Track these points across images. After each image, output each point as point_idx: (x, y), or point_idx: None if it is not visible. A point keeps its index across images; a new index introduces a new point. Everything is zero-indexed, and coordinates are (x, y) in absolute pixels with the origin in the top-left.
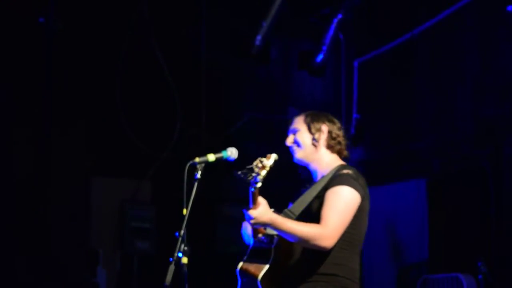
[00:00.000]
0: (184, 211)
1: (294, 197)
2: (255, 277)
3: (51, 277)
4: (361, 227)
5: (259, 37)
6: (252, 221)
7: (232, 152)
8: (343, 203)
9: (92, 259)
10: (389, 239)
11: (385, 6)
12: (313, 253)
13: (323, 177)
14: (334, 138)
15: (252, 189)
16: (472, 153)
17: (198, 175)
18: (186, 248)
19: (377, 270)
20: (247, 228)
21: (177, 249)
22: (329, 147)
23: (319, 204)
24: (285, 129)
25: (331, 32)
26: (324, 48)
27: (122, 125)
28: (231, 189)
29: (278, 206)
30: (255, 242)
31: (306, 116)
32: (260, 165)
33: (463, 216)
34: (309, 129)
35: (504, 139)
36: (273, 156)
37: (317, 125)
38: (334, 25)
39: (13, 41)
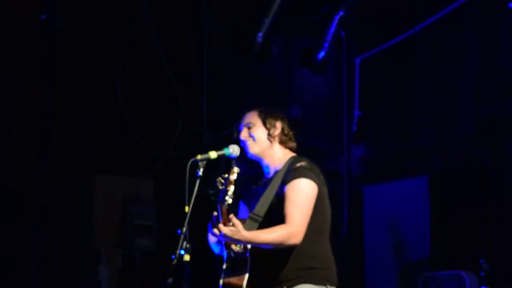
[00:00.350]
0: (186, 208)
1: (244, 194)
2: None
3: (52, 275)
4: (325, 213)
5: (260, 34)
6: (223, 238)
7: (234, 149)
8: (303, 197)
9: (94, 257)
10: (391, 237)
11: (387, 3)
12: (286, 252)
13: (277, 172)
14: (286, 135)
15: (221, 206)
16: (473, 151)
17: (200, 172)
18: (188, 245)
19: (379, 268)
20: (211, 238)
21: (179, 247)
22: (281, 142)
23: (280, 202)
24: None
25: (332, 29)
26: (326, 45)
27: (124, 123)
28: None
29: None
30: (229, 254)
31: (260, 112)
32: (223, 181)
33: (464, 213)
34: (264, 124)
35: (505, 137)
36: (236, 170)
37: (272, 121)
38: (335, 22)
39: (14, 39)
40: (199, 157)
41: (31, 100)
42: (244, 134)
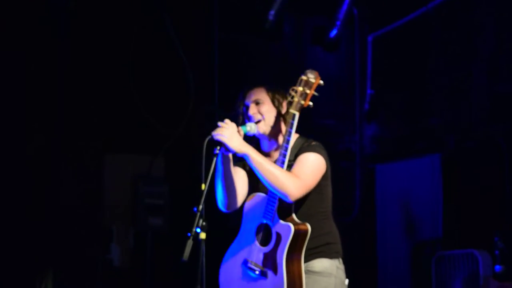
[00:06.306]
0: (203, 186)
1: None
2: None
3: (64, 254)
4: (330, 194)
5: (272, 12)
6: (220, 137)
7: (251, 127)
8: (313, 165)
9: (106, 236)
10: (403, 215)
11: None
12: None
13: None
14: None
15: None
16: (487, 129)
17: (217, 150)
18: (204, 223)
19: (391, 247)
20: None
21: (195, 224)
22: (285, 122)
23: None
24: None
25: (345, 7)
26: (338, 23)
27: (135, 102)
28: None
29: None
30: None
31: (269, 89)
32: None
33: (478, 192)
34: (273, 102)
35: None
36: None
37: (280, 99)
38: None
39: (26, 19)
40: None
41: (44, 79)
42: (253, 110)
